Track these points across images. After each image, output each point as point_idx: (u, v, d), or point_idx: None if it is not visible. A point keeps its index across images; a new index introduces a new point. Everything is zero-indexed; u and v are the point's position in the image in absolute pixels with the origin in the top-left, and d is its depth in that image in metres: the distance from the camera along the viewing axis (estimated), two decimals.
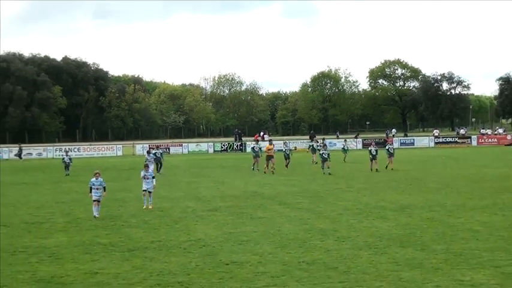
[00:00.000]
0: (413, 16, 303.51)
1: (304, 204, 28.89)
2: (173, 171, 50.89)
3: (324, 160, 44.61)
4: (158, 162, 48.82)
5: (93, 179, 26.17)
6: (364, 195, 31.78)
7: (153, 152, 49.86)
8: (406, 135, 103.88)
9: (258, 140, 59.64)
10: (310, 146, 59.39)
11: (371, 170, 45.23)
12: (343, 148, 59.50)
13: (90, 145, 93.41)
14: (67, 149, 60.26)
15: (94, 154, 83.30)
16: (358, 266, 16.38)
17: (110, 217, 26.27)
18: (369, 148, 47.73)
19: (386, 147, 48.53)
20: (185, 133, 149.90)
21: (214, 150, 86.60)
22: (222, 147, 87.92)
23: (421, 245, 18.81)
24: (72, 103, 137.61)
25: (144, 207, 28.33)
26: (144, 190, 28.59)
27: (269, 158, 46.49)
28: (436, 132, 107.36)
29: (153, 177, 28.75)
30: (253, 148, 51.35)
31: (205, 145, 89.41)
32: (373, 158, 45.54)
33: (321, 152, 45.40)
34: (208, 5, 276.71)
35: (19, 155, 78.88)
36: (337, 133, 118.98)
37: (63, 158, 50.43)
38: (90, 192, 26.10)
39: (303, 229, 21.89)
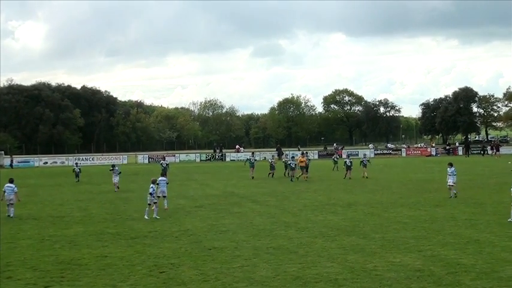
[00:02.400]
0: (359, 53, 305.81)
1: (271, 202, 28.88)
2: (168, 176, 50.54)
3: (292, 169, 42.95)
4: (165, 172, 45.33)
5: (153, 185, 23.89)
6: (320, 195, 31.84)
7: (161, 162, 48.03)
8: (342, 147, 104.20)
9: (252, 152, 56.81)
10: (283, 161, 55.78)
11: (344, 177, 42.39)
12: (333, 159, 53.96)
13: (102, 155, 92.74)
14: (77, 161, 57.78)
15: (105, 162, 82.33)
16: (314, 250, 16.39)
17: (117, 212, 26.09)
18: (345, 160, 45.29)
19: (345, 160, 44.79)
20: (177, 146, 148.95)
21: (201, 160, 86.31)
22: (206, 157, 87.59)
23: (363, 234, 18.87)
24: (88, 122, 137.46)
25: (166, 208, 25.92)
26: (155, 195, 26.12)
27: (303, 168, 42.85)
28: (370, 146, 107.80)
29: (167, 183, 26.99)
30: (249, 159, 47.71)
31: (193, 155, 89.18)
32: (348, 168, 42.92)
33: (289, 163, 44.05)
34: (197, 45, 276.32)
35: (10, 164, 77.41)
36: (299, 146, 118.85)
37: (74, 168, 48.22)
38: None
39: (270, 221, 21.88)
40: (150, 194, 23.70)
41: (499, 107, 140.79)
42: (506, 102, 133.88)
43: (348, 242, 17.44)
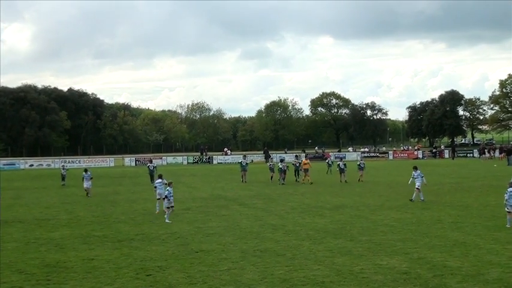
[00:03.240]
0: (347, 56, 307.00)
1: (258, 205, 28.89)
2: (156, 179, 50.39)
3: (282, 172, 41.73)
4: (151, 175, 44.40)
5: (169, 188, 23.53)
6: (307, 198, 31.87)
7: (148, 165, 46.15)
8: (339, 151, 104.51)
9: (244, 155, 53.06)
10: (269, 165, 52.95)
11: (340, 181, 41.46)
12: (327, 163, 52.76)
13: (89, 158, 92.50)
14: (63, 164, 56.04)
15: (91, 165, 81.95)
16: (301, 253, 16.41)
17: (104, 215, 25.98)
18: (338, 162, 44.05)
19: (339, 163, 43.88)
20: (164, 149, 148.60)
21: (188, 162, 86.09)
22: (193, 160, 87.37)
23: (350, 237, 18.91)
24: (75, 125, 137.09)
25: (157, 211, 25.85)
26: (158, 198, 26.12)
27: (306, 170, 42.21)
28: (350, 149, 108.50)
29: (166, 183, 26.38)
30: (241, 163, 45.72)
31: (181, 158, 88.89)
32: (342, 171, 42.21)
33: (280, 166, 42.28)
34: (185, 48, 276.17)
35: None
36: (286, 149, 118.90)
37: (61, 171, 46.23)
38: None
39: (257, 224, 21.88)
40: (166, 197, 23.29)
41: (484, 110, 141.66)
42: (491, 106, 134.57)
43: (335, 245, 17.47)
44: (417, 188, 28.95)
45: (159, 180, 26.31)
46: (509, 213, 19.90)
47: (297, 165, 43.69)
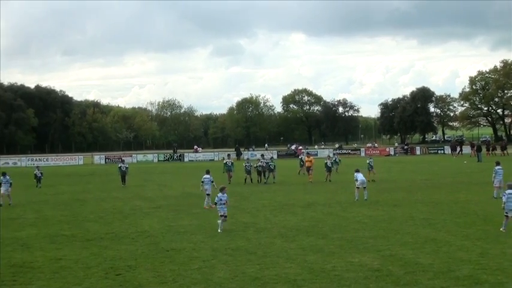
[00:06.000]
0: (319, 52, 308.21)
1: (230, 203, 28.68)
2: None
3: (271, 171, 40.57)
4: (123, 176, 40.73)
5: (220, 194, 20.66)
6: (278, 195, 31.92)
7: (120, 165, 41.94)
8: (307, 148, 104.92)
9: (228, 154, 49.83)
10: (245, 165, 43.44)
11: (325, 180, 40.30)
12: (334, 160, 48.21)
13: (57, 156, 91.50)
14: (38, 165, 51.84)
15: (60, 163, 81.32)
16: (273, 251, 16.41)
17: (72, 214, 25.70)
18: (325, 161, 42.20)
19: (326, 161, 42.02)
20: (135, 146, 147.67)
21: (158, 160, 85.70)
22: (164, 158, 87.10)
23: (322, 234, 18.98)
24: (42, 122, 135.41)
25: (205, 207, 26.30)
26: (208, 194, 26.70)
27: (309, 168, 41.34)
28: (336, 145, 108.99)
29: (212, 182, 27.01)
30: (226, 163, 42.11)
31: (151, 156, 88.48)
32: (329, 170, 40.96)
33: (269, 164, 40.97)
34: (156, 44, 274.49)
35: None
36: (266, 146, 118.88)
37: (35, 172, 42.57)
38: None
39: (229, 222, 21.77)
40: (216, 203, 20.69)
41: (455, 106, 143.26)
42: (462, 102, 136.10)
43: (307, 243, 17.51)
44: (497, 186, 27.71)
45: (207, 176, 27.10)
46: (506, 217, 18.83)
47: (264, 165, 40.77)
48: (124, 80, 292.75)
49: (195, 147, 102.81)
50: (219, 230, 19.81)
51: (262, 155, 43.96)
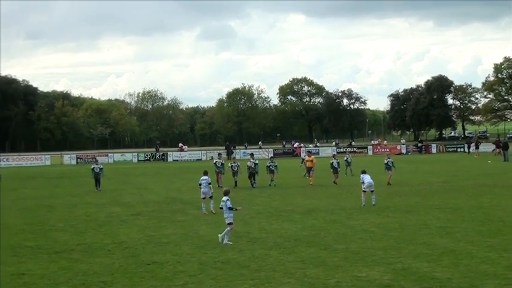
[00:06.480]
0: (321, 36, 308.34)
1: (219, 209, 28.75)
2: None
3: (271, 172, 40.74)
4: (97, 178, 39.97)
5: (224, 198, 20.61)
6: (275, 200, 31.93)
7: (93, 167, 40.74)
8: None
9: (219, 153, 49.00)
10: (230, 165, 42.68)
11: (335, 182, 40.19)
12: (346, 160, 48.70)
13: (19, 155, 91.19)
14: None
15: (23, 164, 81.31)
16: (269, 264, 16.40)
17: (38, 222, 25.65)
18: (331, 161, 41.77)
19: (332, 161, 41.57)
20: (111, 144, 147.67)
21: (138, 160, 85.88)
22: (145, 157, 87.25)
23: (325, 245, 18.98)
24: (2, 117, 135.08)
25: (204, 213, 26.71)
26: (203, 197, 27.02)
27: (309, 169, 41.33)
28: (335, 141, 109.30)
29: (209, 184, 27.12)
30: (215, 163, 41.35)
31: (130, 155, 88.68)
32: (335, 171, 40.82)
33: (268, 165, 41.39)
34: (136, 26, 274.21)
35: None
36: (260, 143, 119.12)
37: None
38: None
39: (218, 231, 21.73)
40: (227, 208, 20.21)
41: (477, 98, 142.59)
42: (485, 93, 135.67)
43: (307, 255, 17.51)
44: (365, 191, 28.36)
45: (205, 177, 27.06)
46: None
47: (253, 166, 40.44)
48: (98, 67, 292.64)
49: (180, 145, 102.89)
50: (225, 242, 19.53)
51: (252, 154, 43.88)
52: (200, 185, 27.05)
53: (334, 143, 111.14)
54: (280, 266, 16.20)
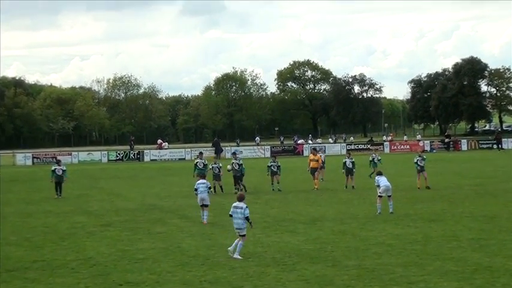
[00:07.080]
0: (327, 11, 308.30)
1: (208, 218, 28.78)
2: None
3: (274, 174, 40.48)
4: (59, 182, 39.51)
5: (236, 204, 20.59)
6: (273, 207, 31.96)
7: (54, 168, 39.95)
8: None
9: (201, 153, 46.69)
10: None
11: (346, 186, 40.28)
12: (372, 161, 47.41)
13: None
14: None
15: None
16: (265, 284, 16.43)
17: None
18: (344, 160, 41.54)
19: (345, 160, 41.31)
20: (75, 141, 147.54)
21: (109, 160, 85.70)
22: (117, 156, 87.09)
23: (332, 261, 19.00)
24: None
25: (204, 222, 27.04)
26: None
27: (313, 171, 41.11)
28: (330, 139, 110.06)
29: (209, 188, 27.67)
30: (196, 164, 40.88)
31: (99, 154, 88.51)
32: (349, 172, 40.48)
33: (269, 164, 41.08)
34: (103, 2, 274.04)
35: None
36: (257, 139, 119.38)
37: None
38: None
39: (205, 245, 21.83)
40: (231, 215, 20.52)
41: None
42: None
43: (312, 273, 17.53)
44: (381, 195, 28.47)
45: (202, 181, 27.31)
46: None
47: (236, 167, 40.10)
48: (59, 48, 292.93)
49: (159, 141, 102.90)
50: (235, 256, 19.63)
51: (234, 153, 43.58)
52: (196, 190, 26.97)
53: (331, 139, 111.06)
54: (280, 286, 16.23)
